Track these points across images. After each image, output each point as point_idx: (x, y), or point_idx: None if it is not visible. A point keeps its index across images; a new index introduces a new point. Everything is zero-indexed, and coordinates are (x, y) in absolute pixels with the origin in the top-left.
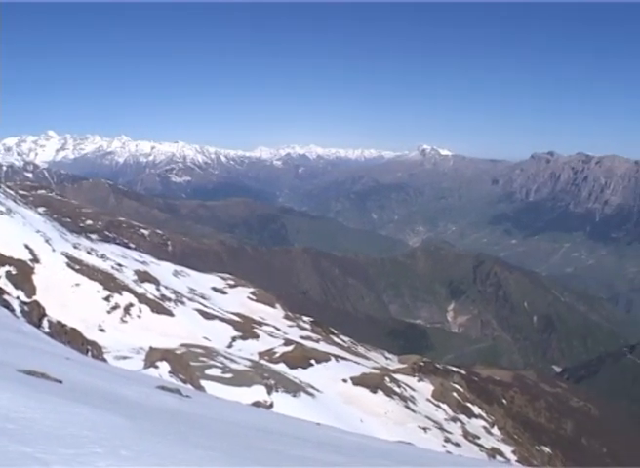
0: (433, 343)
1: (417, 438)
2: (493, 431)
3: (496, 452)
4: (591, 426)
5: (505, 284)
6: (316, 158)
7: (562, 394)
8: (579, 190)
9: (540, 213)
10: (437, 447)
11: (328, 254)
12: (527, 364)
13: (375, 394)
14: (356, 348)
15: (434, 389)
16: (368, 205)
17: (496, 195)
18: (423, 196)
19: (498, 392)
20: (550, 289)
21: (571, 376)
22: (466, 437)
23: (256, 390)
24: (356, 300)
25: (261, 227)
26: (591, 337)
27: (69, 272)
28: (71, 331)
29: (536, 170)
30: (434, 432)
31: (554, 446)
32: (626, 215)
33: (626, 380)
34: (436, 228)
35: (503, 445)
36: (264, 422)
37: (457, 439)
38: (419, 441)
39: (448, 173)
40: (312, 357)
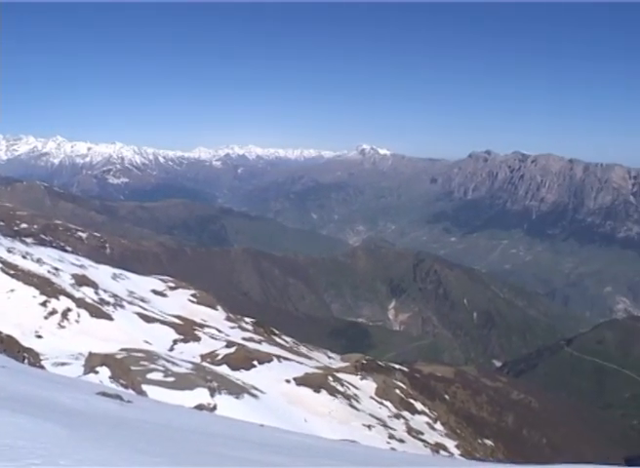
0: (375, 342)
1: (361, 436)
2: (436, 426)
3: (439, 447)
4: (531, 418)
5: (445, 281)
6: (256, 158)
7: (503, 388)
8: (515, 188)
9: (478, 211)
10: (381, 444)
11: (268, 255)
12: (468, 359)
13: (318, 393)
14: (298, 348)
15: (377, 387)
16: (308, 205)
17: (434, 194)
18: (363, 195)
19: (440, 388)
20: (489, 285)
21: (511, 370)
22: (410, 433)
23: (198, 393)
24: (297, 300)
25: (201, 228)
26: (530, 332)
27: (3, 277)
28: (6, 338)
29: (473, 168)
30: (378, 429)
31: (496, 438)
32: (561, 213)
33: (564, 372)
34: (376, 227)
35: (447, 439)
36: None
37: (401, 435)
38: (363, 438)
39: (387, 172)
40: (255, 358)
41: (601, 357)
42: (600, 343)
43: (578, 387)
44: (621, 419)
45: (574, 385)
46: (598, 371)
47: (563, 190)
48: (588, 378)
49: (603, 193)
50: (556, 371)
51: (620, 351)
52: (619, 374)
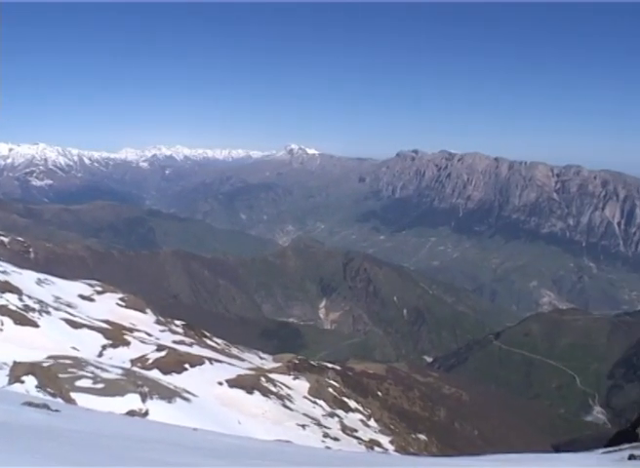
0: (307, 341)
1: (295, 435)
2: (370, 423)
3: (374, 444)
4: (463, 411)
5: (375, 279)
6: (183, 159)
7: (434, 383)
8: (443, 186)
9: (406, 209)
10: (316, 443)
11: (197, 256)
12: (399, 356)
13: (251, 395)
14: (230, 350)
15: (310, 386)
16: (236, 205)
17: (363, 193)
18: (292, 195)
19: (372, 385)
20: (419, 282)
21: (441, 365)
22: (344, 431)
23: (129, 399)
24: (228, 301)
25: (129, 231)
26: (459, 327)
27: None
28: None
29: (401, 167)
30: (313, 428)
31: (429, 432)
32: (488, 210)
33: (493, 365)
34: (305, 227)
35: (381, 436)
36: (139, 431)
37: (335, 433)
38: (297, 438)
39: (316, 171)
40: (186, 361)
41: (528, 349)
42: (527, 336)
43: (507, 379)
44: (549, 409)
45: (503, 377)
46: (526, 363)
47: (489, 188)
48: (517, 370)
49: (527, 191)
50: (486, 365)
51: (547, 343)
52: (545, 365)
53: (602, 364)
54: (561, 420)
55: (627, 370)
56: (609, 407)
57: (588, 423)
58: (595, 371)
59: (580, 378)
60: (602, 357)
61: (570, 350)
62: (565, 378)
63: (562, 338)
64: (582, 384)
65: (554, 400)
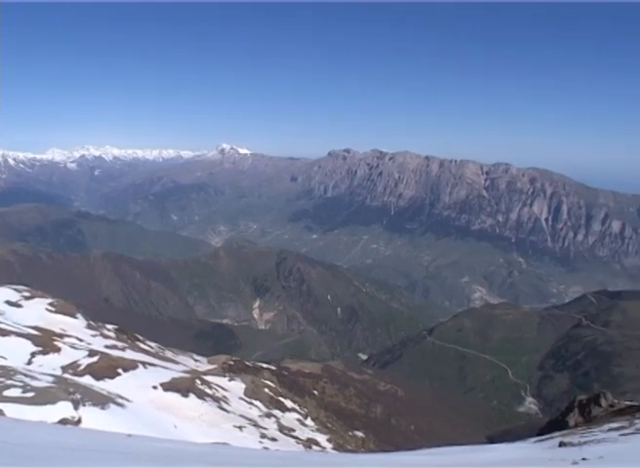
0: (242, 342)
1: (232, 437)
2: (307, 422)
3: (312, 443)
4: (399, 407)
5: (308, 278)
6: (113, 159)
7: (369, 380)
8: (374, 185)
9: (338, 208)
10: (254, 444)
11: (129, 259)
12: (334, 354)
13: (186, 398)
14: (164, 353)
15: (246, 387)
16: (168, 206)
17: (295, 192)
18: (224, 195)
19: (308, 384)
20: (352, 280)
21: (377, 362)
22: (282, 431)
23: (61, 407)
24: (160, 304)
25: (57, 234)
26: (393, 324)
27: None
28: None
29: (333, 166)
30: (250, 429)
31: (366, 429)
32: (419, 208)
33: (427, 361)
34: (238, 227)
35: (318, 434)
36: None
37: (272, 434)
38: (234, 440)
39: (247, 171)
40: (119, 366)
41: (461, 344)
42: (460, 331)
43: (441, 374)
44: (483, 401)
45: (437, 372)
46: (459, 358)
47: (420, 186)
48: (450, 365)
49: (458, 188)
50: (420, 361)
51: (479, 337)
52: (478, 359)
53: (533, 356)
54: (495, 412)
55: (557, 361)
56: (540, 397)
57: (521, 414)
58: (526, 363)
59: (512, 371)
60: (532, 349)
61: (501, 343)
62: (497, 371)
63: (494, 332)
64: (514, 376)
65: (488, 392)
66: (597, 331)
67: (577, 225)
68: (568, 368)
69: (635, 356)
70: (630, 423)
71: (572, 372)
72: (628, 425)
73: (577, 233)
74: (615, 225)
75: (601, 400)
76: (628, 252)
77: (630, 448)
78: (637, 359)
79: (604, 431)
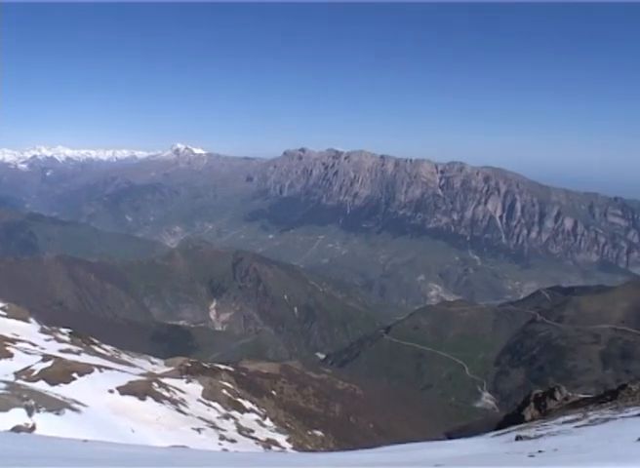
0: (199, 343)
1: (191, 440)
2: (266, 423)
3: (271, 443)
4: (357, 405)
5: (265, 278)
6: (65, 160)
7: (328, 379)
8: (330, 184)
9: (294, 207)
10: (213, 446)
11: (83, 261)
12: (292, 354)
13: (144, 401)
14: (120, 356)
15: (204, 389)
16: (122, 207)
17: (251, 192)
18: (179, 196)
19: (267, 384)
20: (308, 280)
21: (334, 361)
22: (241, 432)
23: (14, 414)
24: (116, 306)
25: (8, 236)
26: (350, 323)
27: None
28: None
29: (289, 166)
30: (208, 431)
31: (325, 428)
32: (375, 207)
33: (384, 359)
34: (193, 228)
35: (278, 434)
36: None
37: (231, 435)
38: (193, 442)
39: (203, 171)
40: (74, 370)
41: (418, 341)
42: (416, 329)
43: (398, 372)
44: (441, 398)
45: (395, 370)
46: (416, 355)
47: (375, 185)
48: (408, 363)
49: (413, 187)
50: (377, 359)
51: (435, 335)
52: (435, 356)
53: (489, 352)
54: (452, 408)
55: (512, 357)
56: (497, 392)
57: (478, 409)
58: (483, 360)
59: (469, 367)
60: (488, 345)
61: (458, 340)
62: (454, 368)
63: (450, 329)
64: (471, 372)
65: (445, 389)
66: (551, 326)
67: (530, 223)
68: (523, 363)
69: (588, 350)
70: (584, 415)
71: (527, 367)
72: (582, 417)
73: (530, 230)
74: (567, 222)
75: (556, 393)
76: (580, 248)
77: (584, 439)
78: (590, 353)
79: (559, 424)
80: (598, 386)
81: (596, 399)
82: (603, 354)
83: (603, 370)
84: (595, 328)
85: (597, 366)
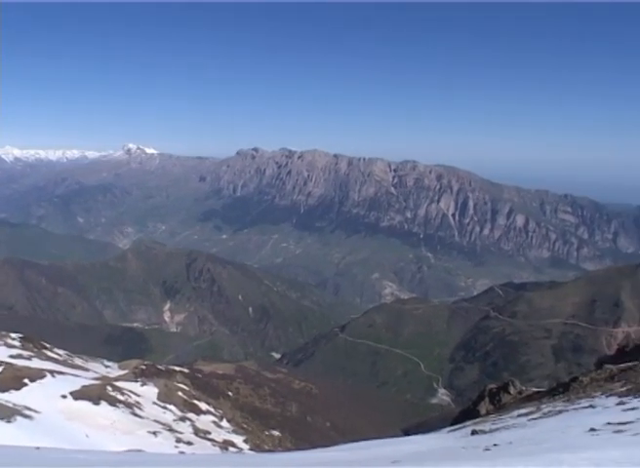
0: (153, 345)
1: (147, 443)
2: (222, 424)
3: (228, 444)
4: (314, 404)
5: (219, 279)
6: (14, 160)
7: (284, 379)
8: (283, 184)
9: (247, 207)
10: (169, 449)
11: (33, 264)
12: (247, 354)
13: (98, 406)
14: (73, 360)
15: (159, 391)
16: (73, 208)
17: (204, 192)
18: (131, 196)
19: (222, 385)
20: (263, 280)
21: (290, 361)
22: (197, 434)
23: None
24: (68, 310)
25: None
26: (305, 322)
27: None
28: None
29: (242, 166)
30: (165, 435)
31: (282, 428)
32: (328, 206)
33: (340, 357)
34: (146, 229)
35: (234, 435)
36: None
37: (188, 438)
38: (149, 446)
39: (155, 171)
40: (25, 376)
41: (373, 339)
42: (371, 327)
43: (354, 370)
44: (397, 395)
45: (350, 369)
46: (372, 353)
47: (329, 184)
48: (363, 361)
49: (366, 186)
50: (333, 357)
51: (391, 332)
52: (390, 354)
53: (443, 348)
54: (409, 405)
55: (467, 353)
56: (452, 388)
57: (434, 405)
58: (437, 356)
59: (424, 364)
60: (443, 342)
61: (413, 338)
62: (410, 365)
63: (405, 327)
64: (426, 369)
65: (401, 386)
66: (504, 321)
67: (483, 220)
68: (477, 358)
69: (540, 344)
70: (537, 408)
71: (481, 363)
72: (536, 410)
73: (483, 228)
74: (519, 219)
75: (510, 388)
76: (532, 244)
77: (538, 431)
78: (542, 347)
79: (513, 417)
80: (551, 379)
81: (549, 392)
82: (555, 348)
83: (555, 363)
84: (547, 322)
85: (549, 360)
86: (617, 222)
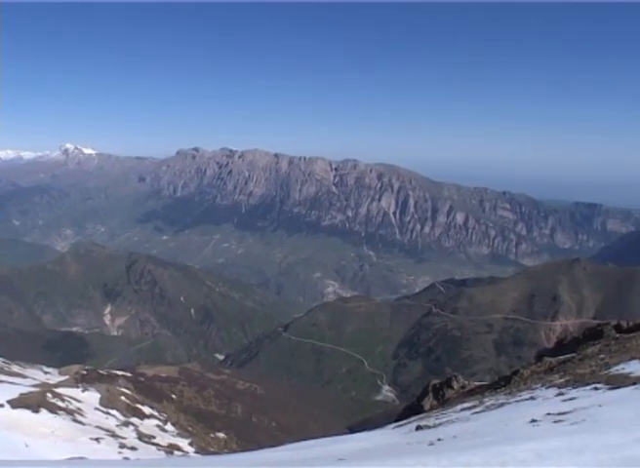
0: (94, 350)
1: (90, 450)
2: (167, 428)
3: (173, 448)
4: (259, 404)
5: (160, 280)
6: None
7: (228, 380)
8: (224, 184)
9: (188, 207)
10: (113, 455)
11: None
12: (191, 356)
13: (38, 414)
14: (10, 368)
15: (101, 397)
16: (8, 210)
17: (144, 193)
18: (69, 198)
19: (166, 388)
20: (205, 280)
21: (234, 362)
22: (141, 439)
23: None
24: (4, 315)
25: None
26: (248, 322)
27: None
28: None
29: (182, 166)
30: (108, 440)
31: (228, 430)
32: (270, 205)
33: (284, 357)
34: (85, 231)
35: (179, 439)
36: None
37: (132, 443)
38: (92, 453)
39: (93, 172)
40: None
41: (317, 338)
42: (315, 326)
43: (298, 369)
44: (341, 393)
45: (295, 368)
46: (316, 352)
47: (270, 184)
48: (307, 360)
49: (307, 185)
50: (277, 357)
51: (334, 331)
52: (334, 352)
53: (387, 345)
54: (354, 402)
55: (410, 350)
56: (396, 384)
57: (379, 402)
58: (381, 353)
59: (368, 361)
60: (386, 339)
61: (356, 335)
62: (354, 363)
63: (348, 325)
64: (370, 366)
65: (345, 384)
66: (446, 317)
67: (423, 218)
68: (421, 354)
69: (482, 339)
70: (480, 402)
71: (424, 359)
72: (479, 404)
73: (423, 225)
74: (459, 217)
75: (453, 382)
76: (472, 241)
77: (481, 424)
78: (484, 342)
79: (457, 411)
80: (493, 373)
81: (491, 385)
82: (496, 342)
83: (497, 357)
84: (488, 317)
85: (491, 354)
86: (553, 218)
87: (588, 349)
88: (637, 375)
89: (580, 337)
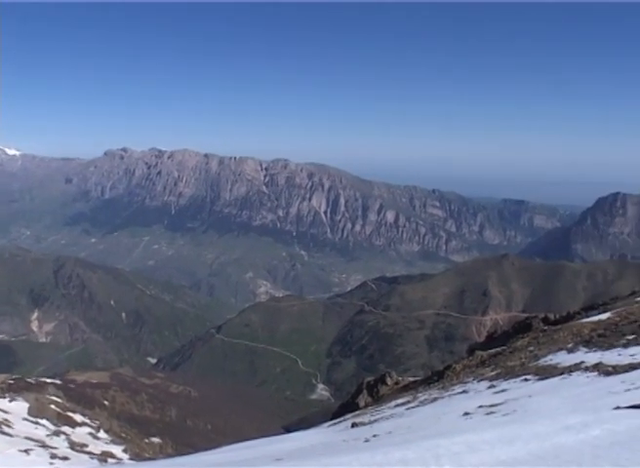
0: (21, 358)
1: (19, 462)
2: (100, 435)
3: (107, 456)
4: (194, 407)
5: (89, 284)
6: None
7: (161, 383)
8: (154, 185)
9: (117, 209)
10: (44, 466)
11: None
12: (122, 361)
13: None
14: None
15: (30, 406)
16: None
17: (71, 195)
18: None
19: (97, 395)
20: (135, 283)
21: (167, 365)
22: (73, 448)
23: None
24: None
25: None
26: (180, 325)
27: None
28: None
29: (110, 166)
30: (38, 451)
31: (163, 434)
32: (200, 206)
33: (218, 358)
34: (9, 234)
35: (113, 446)
36: None
37: (64, 452)
38: (22, 465)
39: (17, 173)
40: None
41: (250, 339)
42: (247, 326)
43: (232, 370)
44: (276, 393)
45: (229, 369)
46: (249, 353)
47: (200, 184)
48: (241, 361)
49: (238, 185)
50: (210, 359)
51: (267, 331)
52: (268, 352)
53: (320, 344)
54: (289, 402)
55: (343, 348)
56: (330, 383)
57: (314, 401)
58: (315, 352)
59: (302, 360)
60: (319, 338)
61: (289, 335)
62: (288, 362)
63: (281, 325)
64: (304, 365)
65: (280, 384)
66: (379, 315)
67: (354, 216)
68: (354, 352)
69: (414, 335)
70: (414, 397)
71: (358, 356)
72: (412, 399)
73: (354, 224)
74: (389, 215)
75: (387, 379)
76: (403, 239)
77: (415, 419)
78: (416, 338)
79: (391, 407)
80: (426, 368)
81: (424, 380)
82: (428, 338)
83: (429, 353)
84: (420, 314)
85: (424, 349)
86: (482, 215)
87: (518, 342)
88: (564, 366)
89: (510, 331)
